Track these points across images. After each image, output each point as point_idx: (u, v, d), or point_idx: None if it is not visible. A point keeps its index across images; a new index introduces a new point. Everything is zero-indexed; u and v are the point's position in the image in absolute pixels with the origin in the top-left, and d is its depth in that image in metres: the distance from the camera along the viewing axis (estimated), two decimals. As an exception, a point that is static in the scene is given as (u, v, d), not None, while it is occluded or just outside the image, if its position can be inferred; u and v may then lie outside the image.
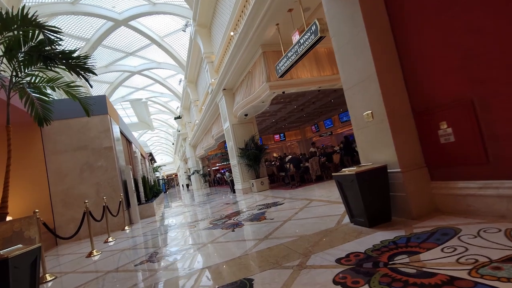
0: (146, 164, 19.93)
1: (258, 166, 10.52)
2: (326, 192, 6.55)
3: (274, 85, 7.64)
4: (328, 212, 4.35)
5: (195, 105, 18.58)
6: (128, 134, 11.60)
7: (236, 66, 8.99)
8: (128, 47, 17.56)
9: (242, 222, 5.01)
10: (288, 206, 5.69)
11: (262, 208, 6.15)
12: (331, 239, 2.94)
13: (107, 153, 7.72)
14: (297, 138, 31.37)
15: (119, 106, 25.82)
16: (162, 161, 54.51)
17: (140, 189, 9.80)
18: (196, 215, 7.64)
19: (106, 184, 7.60)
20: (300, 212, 4.80)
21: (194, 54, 14.01)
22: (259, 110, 9.91)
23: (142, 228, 7.18)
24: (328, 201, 5.30)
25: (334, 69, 8.22)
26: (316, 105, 18.81)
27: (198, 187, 24.70)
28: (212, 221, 5.82)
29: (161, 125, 38.95)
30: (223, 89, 10.90)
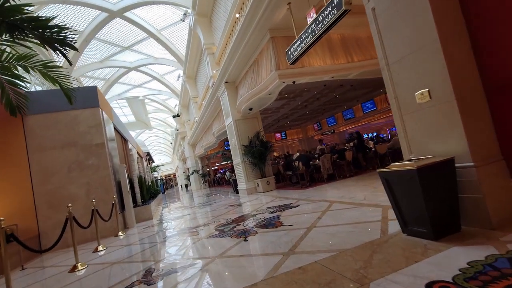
0: (144, 163, 19.12)
1: (264, 164, 9.77)
2: (345, 193, 5.80)
3: (284, 74, 6.88)
4: (361, 217, 3.59)
5: (194, 102, 17.80)
6: (123, 131, 10.81)
7: (241, 54, 8.22)
8: (123, 41, 16.73)
9: (254, 228, 4.25)
10: (306, 209, 4.94)
11: (274, 211, 5.39)
12: (387, 257, 2.19)
13: (98, 150, 6.94)
14: (299, 136, 30.66)
15: (115, 104, 24.98)
16: (160, 161, 53.61)
17: (136, 190, 9.02)
18: (198, 218, 6.87)
19: (97, 185, 6.81)
20: (324, 217, 4.04)
21: (193, 46, 13.22)
22: (265, 104, 9.15)
23: (138, 234, 6.40)
24: (353, 203, 4.55)
25: (349, 57, 7.48)
26: (321, 102, 18.08)
27: (198, 187, 23.92)
28: (218, 226, 5.05)
29: (159, 124, 38.11)
30: (225, 82, 10.13)
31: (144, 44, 17.47)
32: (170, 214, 9.40)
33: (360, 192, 5.43)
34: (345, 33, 7.73)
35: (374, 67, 7.73)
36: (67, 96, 3.96)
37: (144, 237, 5.80)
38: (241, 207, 7.22)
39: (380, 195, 4.74)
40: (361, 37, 7.88)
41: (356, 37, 7.81)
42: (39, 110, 6.58)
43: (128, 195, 7.67)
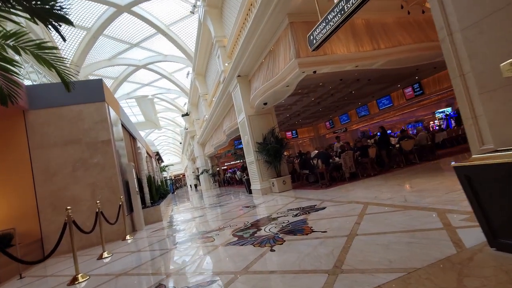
0: (153, 163, 18.76)
1: (279, 162, 9.16)
2: (377, 193, 5.14)
3: (305, 63, 6.26)
4: (413, 223, 2.95)
5: (204, 99, 17.32)
6: (131, 129, 10.37)
7: (255, 44, 7.64)
8: (132, 38, 16.35)
9: (280, 235, 3.65)
10: (335, 212, 4.31)
11: (297, 213, 4.78)
12: (487, 284, 1.56)
13: (104, 147, 6.47)
14: (310, 135, 29.91)
15: (124, 104, 24.77)
16: (170, 161, 53.59)
17: (145, 190, 8.54)
18: (211, 221, 6.32)
19: (103, 185, 6.34)
20: (364, 222, 3.41)
21: (203, 40, 12.71)
22: (281, 98, 8.54)
23: (147, 238, 5.89)
24: (393, 206, 3.90)
25: (375, 44, 6.80)
26: (335, 98, 17.35)
27: (208, 187, 23.47)
28: (236, 231, 4.48)
29: (168, 124, 37.92)
30: (237, 75, 9.57)
31: (153, 40, 17.07)
32: (180, 215, 8.89)
33: (396, 193, 4.77)
34: (370, 18, 7.06)
35: (402, 55, 7.04)
36: (64, 83, 3.44)
37: (154, 242, 5.28)
38: (258, 208, 6.63)
39: (424, 196, 4.08)
40: (388, 22, 7.19)
41: (382, 23, 7.13)
42: (41, 105, 6.15)
43: (136, 196, 7.19)
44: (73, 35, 13.53)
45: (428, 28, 7.44)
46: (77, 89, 6.42)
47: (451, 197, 3.70)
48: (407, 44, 6.99)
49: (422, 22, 7.51)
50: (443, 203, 3.46)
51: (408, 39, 7.05)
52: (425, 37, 7.24)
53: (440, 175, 5.72)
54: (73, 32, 13.47)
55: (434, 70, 15.11)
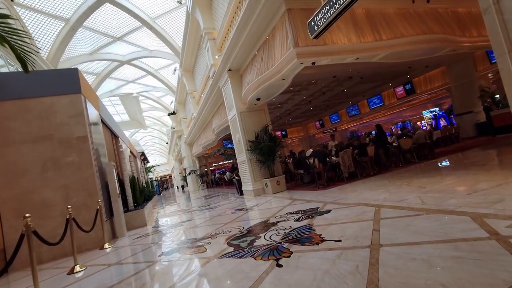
0: (138, 163, 17.88)
1: (273, 162, 8.65)
2: (385, 194, 4.69)
3: (303, 53, 5.76)
4: (450, 231, 2.48)
5: (192, 97, 16.61)
6: (113, 125, 9.60)
7: (248, 35, 7.11)
8: (115, 31, 15.43)
9: (284, 244, 3.11)
10: (344, 216, 3.82)
11: (300, 218, 4.26)
12: None
13: (80, 145, 5.75)
14: (300, 135, 29.63)
15: (108, 102, 23.65)
16: (156, 162, 52.19)
17: (128, 193, 7.82)
18: (201, 226, 5.72)
19: (78, 187, 5.62)
20: (384, 229, 2.92)
21: (191, 33, 12.04)
22: (275, 93, 8.03)
23: (128, 246, 5.22)
24: (411, 209, 3.44)
25: (376, 35, 6.39)
26: (326, 96, 17.04)
27: (195, 188, 22.71)
28: (231, 239, 3.91)
29: (154, 123, 36.79)
30: (228, 70, 9.00)
31: (138, 34, 16.21)
32: (167, 219, 8.22)
33: (408, 193, 4.33)
34: (370, 7, 6.66)
35: (404, 47, 6.67)
36: (20, 61, 2.78)
37: (136, 251, 4.63)
38: (252, 211, 6.07)
39: (443, 197, 3.64)
40: (389, 13, 6.81)
41: (383, 13, 6.74)
42: (4, 96, 5.37)
43: (117, 199, 6.48)
44: (50, 26, 12.56)
45: (430, 20, 7.12)
46: (48, 79, 5.71)
47: (477, 199, 3.27)
48: (409, 36, 6.62)
49: (422, 14, 7.18)
50: (472, 206, 3.02)
51: (410, 31, 6.69)
52: (427, 29, 6.91)
53: (450, 174, 5.34)
54: (50, 22, 12.50)
55: (426, 69, 15.02)
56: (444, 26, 7.19)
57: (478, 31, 7.73)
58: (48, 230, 5.22)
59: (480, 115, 13.42)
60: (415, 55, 7.49)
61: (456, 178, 4.74)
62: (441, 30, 7.06)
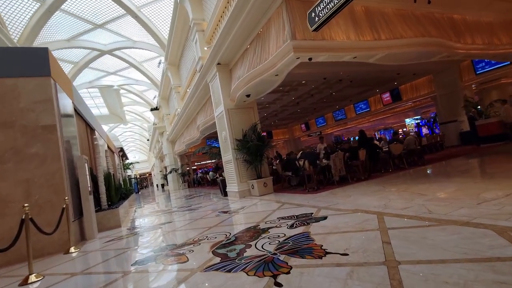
0: (115, 159, 16.92)
1: (261, 162, 8.24)
2: (384, 200, 4.39)
3: (301, 46, 5.39)
4: (477, 248, 2.15)
5: (177, 92, 15.92)
6: (88, 116, 8.85)
7: (240, 26, 6.68)
8: (96, 17, 14.48)
9: (280, 256, 2.69)
10: (344, 224, 3.45)
11: (293, 224, 3.86)
12: None
13: (46, 135, 5.07)
14: (285, 137, 29.47)
15: (86, 93, 22.40)
16: (136, 159, 50.48)
17: (101, 190, 7.14)
18: (182, 230, 5.20)
19: (42, 182, 4.95)
20: (396, 241, 2.56)
21: (179, 24, 11.44)
22: (267, 89, 7.63)
23: (98, 251, 4.62)
24: (418, 218, 3.12)
25: (375, 34, 6.14)
26: (314, 99, 16.88)
27: (176, 187, 21.92)
28: (216, 247, 3.44)
29: (135, 119, 35.47)
30: (217, 63, 8.52)
31: (121, 23, 15.33)
32: (144, 220, 7.60)
33: (410, 201, 4.03)
34: (369, 5, 6.41)
35: (402, 49, 6.47)
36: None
37: (106, 257, 4.07)
38: (239, 215, 5.62)
39: (451, 206, 3.35)
40: (388, 12, 6.59)
41: (382, 12, 6.51)
42: (-43, 74, 4.63)
43: (88, 197, 5.82)
44: (23, 6, 11.53)
45: (427, 24, 6.97)
46: (12, 57, 5.04)
47: (490, 209, 2.99)
48: (408, 37, 6.43)
49: (420, 16, 7.03)
50: (489, 218, 2.73)
51: (409, 32, 6.51)
52: (426, 32, 6.76)
53: (448, 182, 5.13)
54: (23, 2, 11.47)
55: (413, 77, 15.18)
56: (441, 31, 7.08)
57: (472, 38, 7.70)
58: (3, 231, 4.55)
59: (463, 124, 13.66)
60: (411, 59, 7.35)
61: (457, 186, 4.51)
62: (438, 34, 6.93)
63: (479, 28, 8.05)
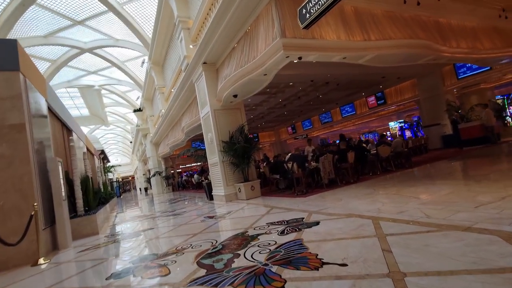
0: (95, 162, 16.19)
1: (248, 165, 7.99)
2: (377, 204, 4.24)
3: (291, 44, 5.21)
4: (487, 256, 1.99)
5: (161, 93, 15.46)
6: (65, 117, 8.33)
7: (228, 24, 6.44)
8: (76, 13, 13.83)
9: (272, 267, 2.45)
10: (338, 230, 3.25)
11: (284, 230, 3.63)
12: None
13: (14, 135, 4.63)
14: (271, 139, 29.37)
15: (64, 93, 21.44)
16: (118, 162, 48.95)
17: (78, 195, 6.66)
18: (164, 237, 4.86)
19: (8, 186, 4.49)
20: (397, 249, 2.37)
21: (163, 22, 11.06)
22: (255, 90, 7.40)
23: (70, 262, 4.21)
24: (416, 222, 2.97)
25: (365, 34, 6.06)
26: (301, 101, 16.85)
27: (159, 191, 21.25)
28: (201, 256, 3.15)
29: (117, 120, 34.37)
30: (203, 62, 8.22)
31: (102, 20, 14.72)
32: (123, 227, 7.17)
33: (404, 205, 3.90)
34: (359, 6, 6.33)
35: (392, 50, 6.42)
36: None
37: (79, 270, 3.68)
38: (226, 220, 5.34)
39: (448, 210, 3.22)
40: (377, 13, 6.54)
41: (372, 13, 6.45)
42: None
43: (61, 202, 5.37)
44: (-5, -1, 10.83)
45: (415, 26, 6.99)
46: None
47: (489, 214, 2.88)
48: (397, 39, 6.40)
49: (408, 19, 7.04)
50: (491, 222, 2.60)
51: (398, 34, 6.48)
52: (414, 34, 6.76)
53: (439, 184, 5.06)
54: (-5, -5, 10.77)
55: (398, 81, 15.43)
56: (428, 34, 7.12)
57: (457, 42, 7.80)
58: (-39, 242, 4.06)
59: (446, 128, 13.96)
60: (399, 61, 7.34)
61: (449, 189, 4.42)
62: (426, 37, 6.96)
63: (463, 33, 8.18)
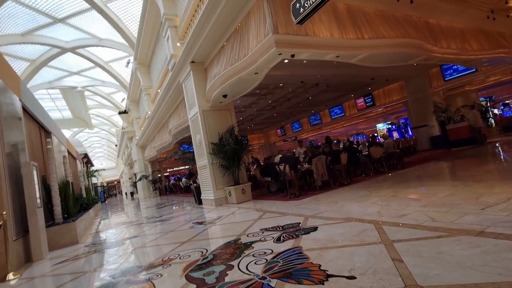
0: (78, 166, 15.51)
1: (238, 168, 7.71)
2: (376, 206, 4.05)
3: (283, 41, 5.00)
4: (507, 265, 1.79)
5: (147, 94, 14.98)
6: (43, 118, 7.82)
7: (217, 21, 6.19)
8: (56, 10, 13.19)
9: (271, 281, 2.18)
10: (339, 236, 3.02)
11: (280, 237, 3.37)
12: None
13: (-20, 136, 4.19)
14: (260, 142, 29.15)
15: (45, 95, 20.54)
16: (103, 166, 47.53)
17: (55, 202, 6.19)
18: (150, 246, 4.50)
19: (-27, 194, 4.05)
20: (409, 258, 2.15)
21: (149, 20, 10.68)
22: (245, 89, 7.14)
23: (44, 277, 3.80)
24: (423, 227, 2.77)
25: (358, 32, 5.92)
26: (291, 103, 16.70)
27: (146, 195, 20.62)
28: (191, 269, 2.85)
29: (102, 123, 33.35)
30: (191, 61, 7.92)
31: (85, 18, 14.14)
32: (106, 234, 6.73)
33: (405, 207, 3.71)
34: (351, 4, 6.20)
35: (385, 49, 6.32)
36: None
37: (54, 286, 3.29)
38: (216, 226, 5.03)
39: (454, 212, 3.05)
40: (369, 12, 6.43)
41: (364, 12, 6.33)
42: None
43: (36, 210, 4.93)
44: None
45: (407, 26, 6.93)
46: None
47: (499, 215, 2.72)
48: (390, 38, 6.30)
49: (400, 18, 6.98)
50: (503, 225, 2.42)
51: (391, 33, 6.38)
52: (406, 33, 6.69)
53: (437, 185, 4.92)
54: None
55: (386, 83, 15.52)
56: (420, 33, 7.08)
57: (447, 43, 7.81)
58: None
59: (433, 129, 14.11)
60: (391, 61, 7.27)
61: (449, 190, 4.29)
62: (418, 36, 6.92)
63: (452, 34, 8.21)
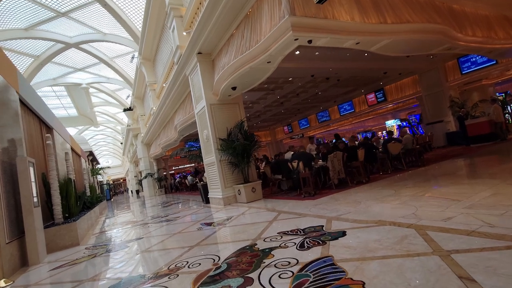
0: (83, 164, 15.24)
1: (248, 165, 7.28)
2: (409, 208, 3.57)
3: (301, 24, 4.52)
4: None
5: (152, 90, 14.62)
6: (43, 113, 7.48)
7: (226, 6, 5.73)
8: (58, 4, 12.88)
9: (305, 304, 1.73)
10: (375, 243, 2.56)
11: (303, 242, 2.92)
12: None
13: (-30, 129, 3.82)
14: (267, 139, 28.68)
15: (50, 92, 20.33)
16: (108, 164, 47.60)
17: (55, 200, 5.83)
18: (155, 251, 4.09)
19: (-38, 193, 3.68)
20: (484, 276, 1.69)
21: (154, 11, 10.27)
22: (256, 80, 6.70)
23: (38, 285, 3.42)
24: (482, 234, 2.30)
25: (380, 17, 5.41)
26: (299, 98, 16.22)
27: (151, 193, 20.36)
28: (201, 281, 2.42)
29: (107, 121, 33.22)
30: (197, 52, 7.49)
31: (88, 11, 13.80)
32: (110, 236, 6.37)
33: (443, 209, 3.23)
34: (372, -14, 5.68)
35: (408, 35, 5.80)
36: None
37: (44, 298, 2.90)
38: (227, 228, 4.60)
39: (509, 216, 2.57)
40: (391, -5, 5.90)
41: (386, -6, 5.81)
42: None
43: (32, 209, 4.56)
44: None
45: (431, 11, 6.39)
46: None
47: None
48: (414, 22, 5.77)
49: (423, 3, 6.43)
50: None
51: (415, 17, 5.86)
52: (431, 18, 6.16)
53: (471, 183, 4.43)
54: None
55: (399, 77, 14.92)
56: (444, 19, 6.54)
57: (473, 31, 7.25)
58: None
59: (449, 125, 13.48)
60: (412, 49, 6.76)
61: (490, 189, 3.77)
62: (443, 22, 6.38)
63: (477, 21, 7.64)
